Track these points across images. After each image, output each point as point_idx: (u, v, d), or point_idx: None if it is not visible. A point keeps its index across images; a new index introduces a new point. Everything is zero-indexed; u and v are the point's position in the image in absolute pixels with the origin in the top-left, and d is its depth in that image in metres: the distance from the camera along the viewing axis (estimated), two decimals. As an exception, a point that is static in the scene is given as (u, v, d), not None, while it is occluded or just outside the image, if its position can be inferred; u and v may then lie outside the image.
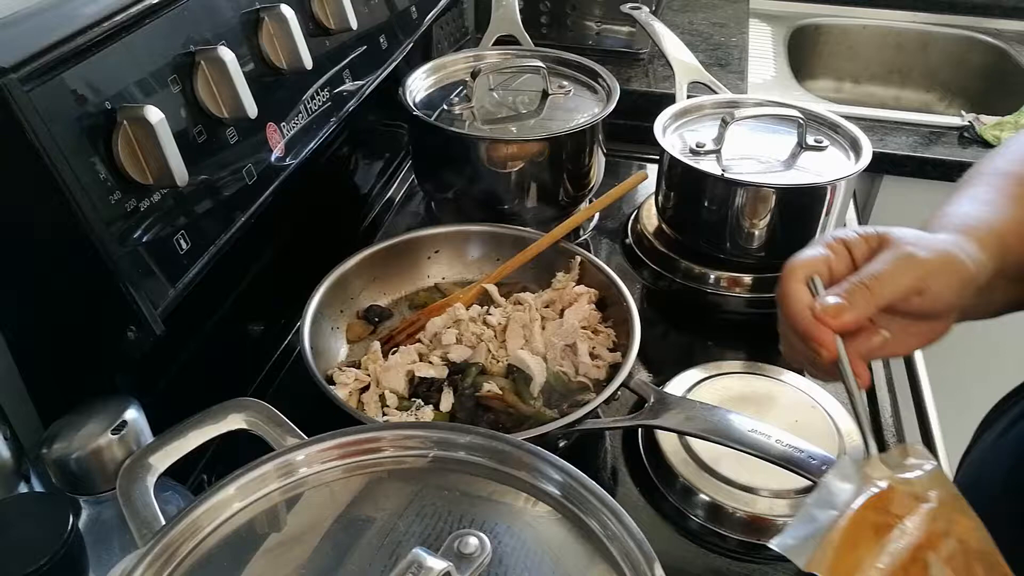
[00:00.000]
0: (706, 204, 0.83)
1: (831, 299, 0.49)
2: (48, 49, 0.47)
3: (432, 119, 0.87)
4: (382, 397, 0.66)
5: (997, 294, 0.55)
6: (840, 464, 0.47)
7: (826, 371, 0.52)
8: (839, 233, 0.53)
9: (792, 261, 0.52)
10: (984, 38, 1.52)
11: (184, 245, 0.55)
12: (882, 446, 0.68)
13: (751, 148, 0.85)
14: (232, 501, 0.41)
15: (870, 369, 0.52)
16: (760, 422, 0.60)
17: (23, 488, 0.48)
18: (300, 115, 0.70)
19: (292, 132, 0.68)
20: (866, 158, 0.81)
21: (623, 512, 0.39)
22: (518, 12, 1.13)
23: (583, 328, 0.71)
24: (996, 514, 0.57)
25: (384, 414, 0.65)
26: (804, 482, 0.59)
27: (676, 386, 0.71)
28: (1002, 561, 0.44)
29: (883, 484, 0.45)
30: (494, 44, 1.11)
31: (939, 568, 0.42)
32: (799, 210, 0.81)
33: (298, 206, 0.77)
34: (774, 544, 0.44)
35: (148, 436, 0.47)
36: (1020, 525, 0.55)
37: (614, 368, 0.69)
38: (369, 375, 0.68)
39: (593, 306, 0.74)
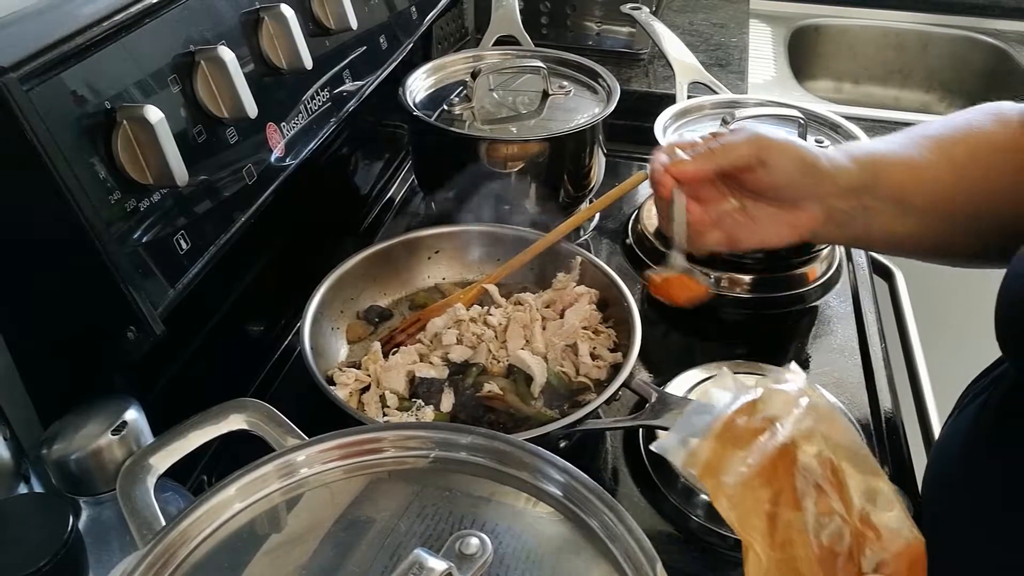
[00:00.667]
0: (706, 204, 0.83)
1: (678, 154, 0.60)
2: (47, 49, 0.46)
3: (432, 119, 0.87)
4: (382, 397, 0.66)
5: (880, 218, 0.61)
6: (720, 376, 0.52)
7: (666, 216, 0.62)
8: (712, 131, 0.63)
9: (667, 144, 0.64)
10: (984, 38, 1.52)
11: (184, 245, 0.55)
12: (882, 441, 0.68)
13: (751, 148, 0.85)
14: (232, 502, 0.41)
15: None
16: (761, 422, 0.60)
17: (23, 489, 0.48)
18: (300, 115, 0.70)
19: (292, 132, 0.68)
20: (867, 158, 0.81)
21: (625, 512, 0.39)
22: (518, 12, 1.13)
23: (584, 328, 0.71)
24: (949, 504, 0.58)
25: (384, 415, 0.65)
26: (805, 482, 0.59)
27: (677, 386, 0.70)
28: (869, 455, 0.48)
29: (758, 392, 0.49)
30: (494, 44, 1.12)
31: (808, 458, 0.46)
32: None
33: (298, 206, 0.77)
34: (654, 447, 0.49)
35: (148, 437, 0.47)
36: (971, 512, 0.56)
37: (615, 368, 0.69)
38: (369, 375, 0.68)
39: (594, 306, 0.74)
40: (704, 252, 0.65)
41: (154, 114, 0.50)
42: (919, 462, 0.69)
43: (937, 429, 0.83)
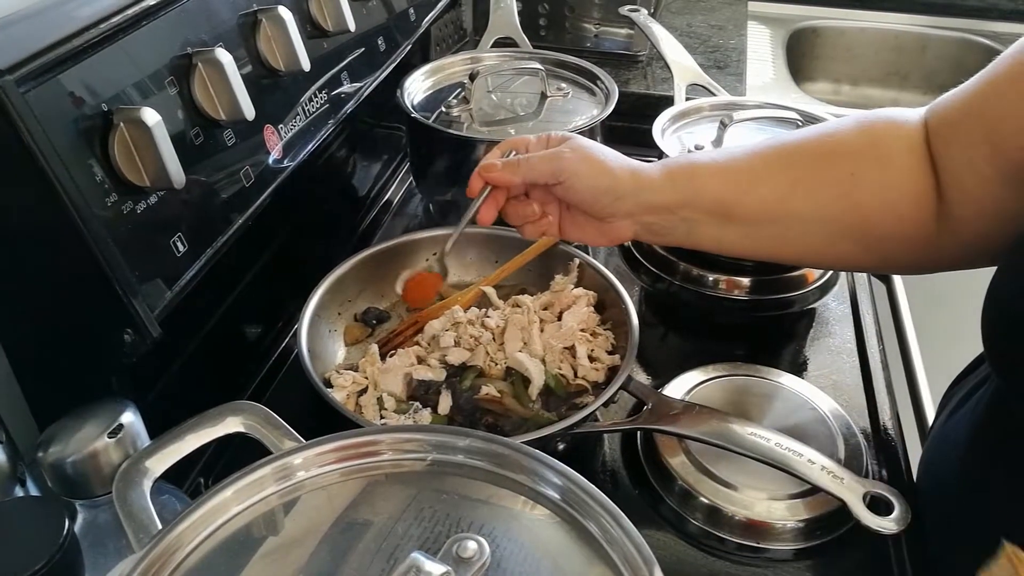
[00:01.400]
0: (705, 206, 0.83)
1: (493, 161, 0.66)
2: (44, 51, 0.46)
3: (430, 121, 0.87)
4: (380, 400, 0.66)
5: (703, 228, 0.64)
6: None
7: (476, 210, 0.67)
8: (552, 133, 0.68)
9: (506, 139, 0.70)
10: (982, 41, 1.53)
11: (181, 247, 0.55)
12: (879, 443, 0.68)
13: (749, 150, 0.85)
14: (229, 505, 0.41)
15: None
16: (759, 425, 0.60)
17: (19, 492, 0.48)
18: (298, 117, 0.70)
19: (290, 134, 0.68)
20: (864, 160, 0.81)
21: (622, 515, 0.39)
22: (516, 14, 1.13)
23: (582, 330, 0.71)
24: (942, 504, 0.58)
25: (382, 417, 0.65)
26: (803, 485, 0.59)
27: (675, 388, 0.70)
28: None
29: None
30: (492, 46, 1.11)
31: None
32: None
33: (296, 208, 0.77)
34: None
35: (145, 440, 0.47)
36: (965, 512, 0.56)
37: (613, 371, 0.68)
38: (367, 378, 0.68)
39: (592, 308, 0.74)
40: (532, 236, 0.70)
41: (151, 116, 0.50)
42: (916, 464, 0.69)
43: (930, 406, 0.83)
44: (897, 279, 1.01)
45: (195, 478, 0.64)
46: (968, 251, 0.60)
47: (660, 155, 0.85)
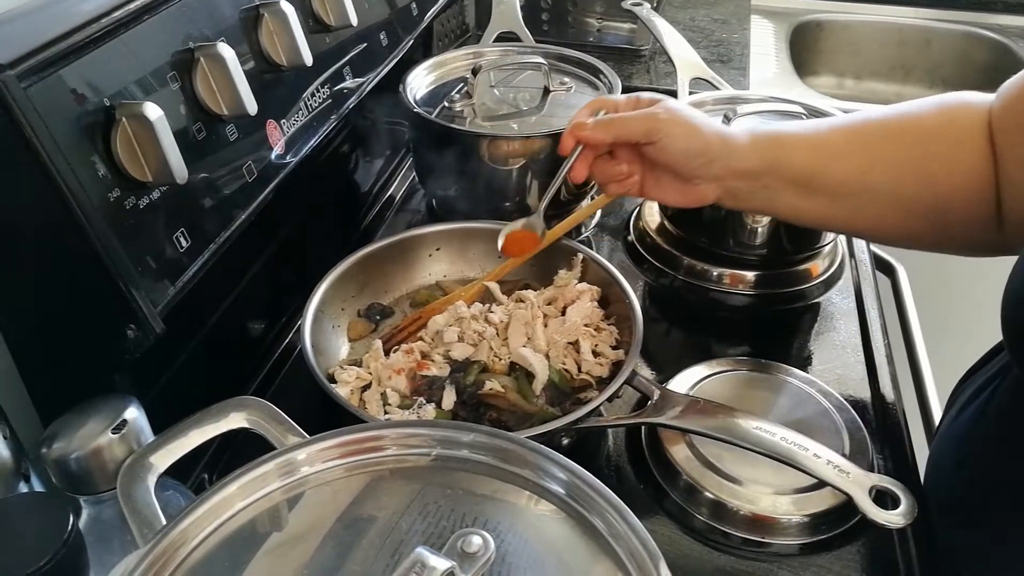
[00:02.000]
0: (709, 201, 0.83)
1: (584, 120, 0.68)
2: (46, 46, 0.46)
3: (433, 116, 0.87)
4: (384, 395, 0.66)
5: (783, 196, 0.66)
6: None
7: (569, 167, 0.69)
8: (640, 94, 0.70)
9: (595, 99, 0.72)
10: (986, 34, 1.52)
11: (184, 243, 0.55)
12: (884, 437, 0.68)
13: (754, 144, 0.85)
14: (233, 500, 0.41)
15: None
16: (763, 420, 0.60)
17: (23, 488, 0.47)
18: (300, 112, 0.69)
19: (292, 129, 0.68)
20: (869, 154, 0.80)
21: (627, 510, 0.39)
22: (519, 9, 1.13)
23: (585, 326, 0.71)
24: (953, 499, 0.58)
25: (386, 412, 0.65)
26: (808, 479, 0.58)
27: (679, 383, 0.70)
28: None
29: None
30: (495, 41, 1.11)
31: None
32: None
33: (298, 204, 0.77)
34: None
35: (148, 435, 0.47)
36: (974, 507, 0.56)
37: (617, 366, 0.68)
38: (371, 373, 0.68)
39: (595, 303, 0.74)
40: (616, 195, 0.73)
41: (153, 111, 0.50)
42: (922, 457, 0.69)
43: (935, 401, 0.83)
44: (901, 271, 1.01)
45: (199, 474, 0.64)
46: None
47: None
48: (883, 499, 0.55)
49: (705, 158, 0.65)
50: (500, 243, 0.74)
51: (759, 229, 0.82)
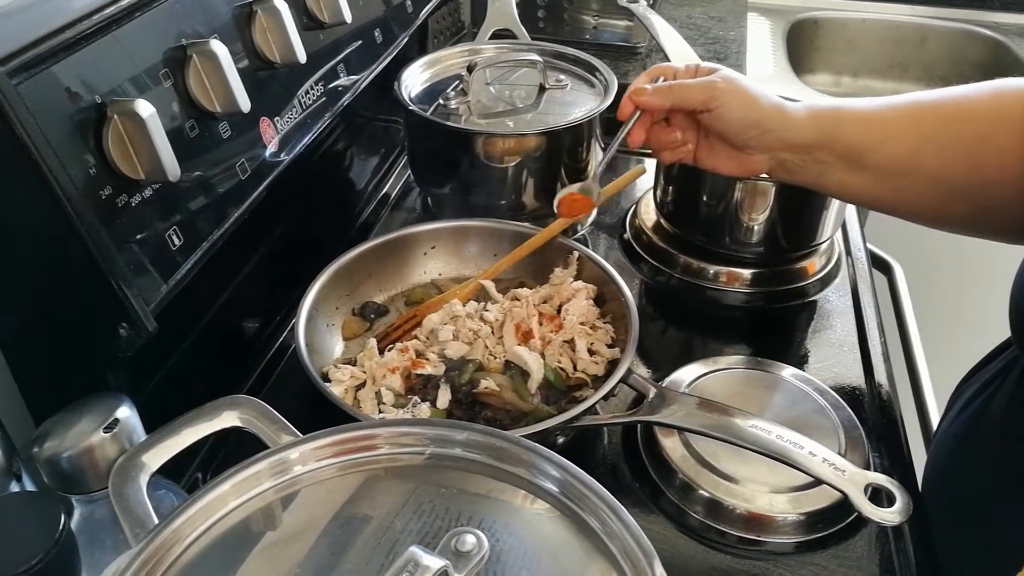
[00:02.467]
0: (705, 199, 0.82)
1: (644, 86, 0.68)
2: (37, 42, 0.46)
3: (428, 114, 0.87)
4: (378, 394, 0.66)
5: (833, 171, 0.66)
6: None
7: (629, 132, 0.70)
8: (700, 63, 0.71)
9: (655, 66, 0.73)
10: (982, 31, 1.52)
11: (177, 241, 0.54)
12: (881, 435, 0.68)
13: (750, 142, 0.84)
14: (226, 499, 0.41)
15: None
16: (759, 418, 0.59)
17: (14, 487, 0.47)
18: (294, 110, 0.69)
19: (286, 127, 0.68)
20: (865, 151, 0.80)
21: (622, 509, 0.39)
22: (515, 6, 1.12)
23: (581, 324, 0.71)
24: (953, 498, 0.58)
25: (380, 411, 0.65)
26: (804, 478, 0.58)
27: (675, 381, 0.70)
28: None
29: None
30: (490, 38, 1.11)
31: None
32: (798, 205, 0.81)
33: (292, 202, 0.76)
34: None
35: (141, 434, 0.47)
36: (975, 507, 0.56)
37: (613, 364, 0.68)
38: (365, 372, 0.67)
39: (591, 302, 0.73)
40: (670, 161, 0.74)
41: (145, 108, 0.49)
42: (918, 456, 0.69)
43: (935, 422, 0.83)
44: (898, 269, 1.01)
45: (192, 473, 0.63)
46: None
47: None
48: (879, 497, 0.55)
49: (760, 129, 0.65)
50: (556, 203, 0.75)
51: (755, 227, 0.82)
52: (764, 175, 0.71)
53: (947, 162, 0.63)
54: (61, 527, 0.39)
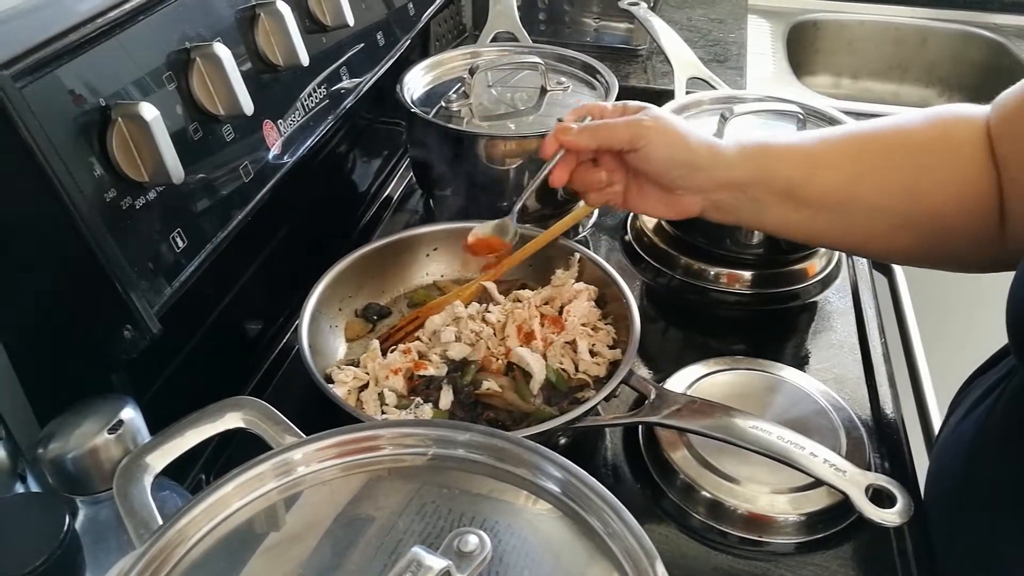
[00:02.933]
0: (705, 200, 0.83)
1: (569, 125, 0.66)
2: (42, 45, 0.46)
3: (430, 116, 0.87)
4: (381, 395, 0.66)
5: (770, 209, 0.65)
6: None
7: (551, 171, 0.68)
8: (628, 102, 0.69)
9: (582, 105, 0.71)
10: (982, 32, 1.52)
11: (180, 243, 0.55)
12: (882, 438, 0.68)
13: (750, 144, 0.85)
14: (230, 500, 0.41)
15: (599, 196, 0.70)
16: (760, 419, 0.60)
17: (19, 488, 0.47)
18: (297, 112, 0.69)
19: (289, 130, 0.68)
20: (866, 153, 0.80)
21: (624, 509, 0.39)
22: (516, 9, 1.13)
23: (583, 325, 0.71)
24: (956, 503, 0.58)
25: (383, 412, 0.65)
26: (805, 478, 0.58)
27: (676, 382, 0.70)
28: None
29: None
30: (492, 41, 1.11)
31: None
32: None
33: (295, 204, 0.77)
34: None
35: (145, 435, 0.47)
36: (978, 512, 0.56)
37: (614, 365, 0.68)
38: (368, 373, 0.68)
39: (592, 303, 0.74)
40: (596, 204, 0.72)
41: (149, 111, 0.50)
42: (919, 459, 0.69)
43: (937, 424, 0.83)
44: (899, 271, 1.01)
45: (196, 474, 0.64)
46: None
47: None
48: (880, 497, 0.55)
49: (689, 168, 0.64)
50: (467, 242, 0.74)
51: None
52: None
53: (886, 192, 0.62)
54: (66, 528, 0.39)
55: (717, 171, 0.64)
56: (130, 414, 0.46)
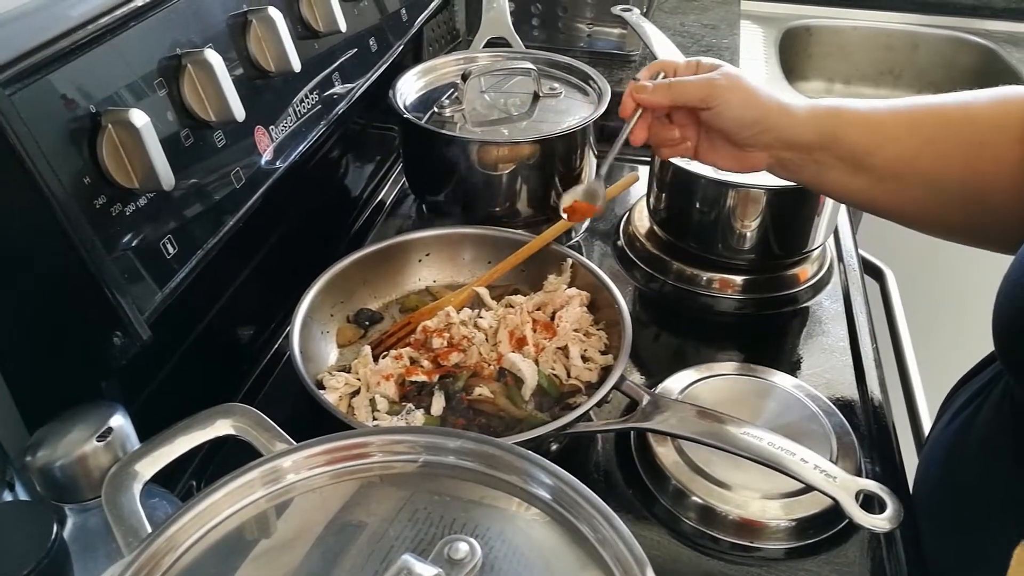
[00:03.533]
0: (698, 206, 0.83)
1: (644, 83, 0.68)
2: (32, 52, 0.46)
3: (423, 122, 0.87)
4: (372, 402, 0.66)
5: (831, 172, 0.66)
6: None
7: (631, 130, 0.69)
8: (701, 58, 0.70)
9: (656, 61, 0.72)
10: (974, 39, 1.53)
11: (171, 249, 0.55)
12: (872, 441, 0.68)
13: (742, 149, 0.85)
14: (220, 508, 0.41)
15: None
16: (752, 424, 0.60)
17: (8, 496, 0.47)
18: (289, 118, 0.69)
19: (281, 135, 0.68)
20: (857, 159, 0.81)
21: (614, 516, 0.39)
22: (509, 14, 1.13)
23: (575, 331, 0.71)
24: (942, 506, 0.58)
25: (374, 419, 0.65)
26: (796, 484, 0.59)
27: (668, 388, 0.70)
28: None
29: None
30: (485, 46, 1.11)
31: None
32: (790, 212, 0.82)
33: (287, 210, 0.77)
34: None
35: (134, 443, 0.47)
36: (963, 515, 0.56)
37: (606, 371, 0.68)
38: (359, 379, 0.68)
39: (585, 308, 0.74)
40: (669, 157, 0.75)
41: (139, 118, 0.50)
42: (909, 462, 0.69)
43: (927, 429, 0.83)
44: (890, 276, 1.01)
45: (187, 481, 0.63)
46: None
47: (652, 154, 0.85)
48: (870, 503, 0.55)
49: (760, 127, 0.65)
50: (563, 208, 0.74)
51: (748, 234, 0.82)
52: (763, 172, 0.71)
53: (944, 167, 0.62)
54: (54, 536, 0.39)
55: (786, 131, 0.65)
56: (119, 421, 0.46)
